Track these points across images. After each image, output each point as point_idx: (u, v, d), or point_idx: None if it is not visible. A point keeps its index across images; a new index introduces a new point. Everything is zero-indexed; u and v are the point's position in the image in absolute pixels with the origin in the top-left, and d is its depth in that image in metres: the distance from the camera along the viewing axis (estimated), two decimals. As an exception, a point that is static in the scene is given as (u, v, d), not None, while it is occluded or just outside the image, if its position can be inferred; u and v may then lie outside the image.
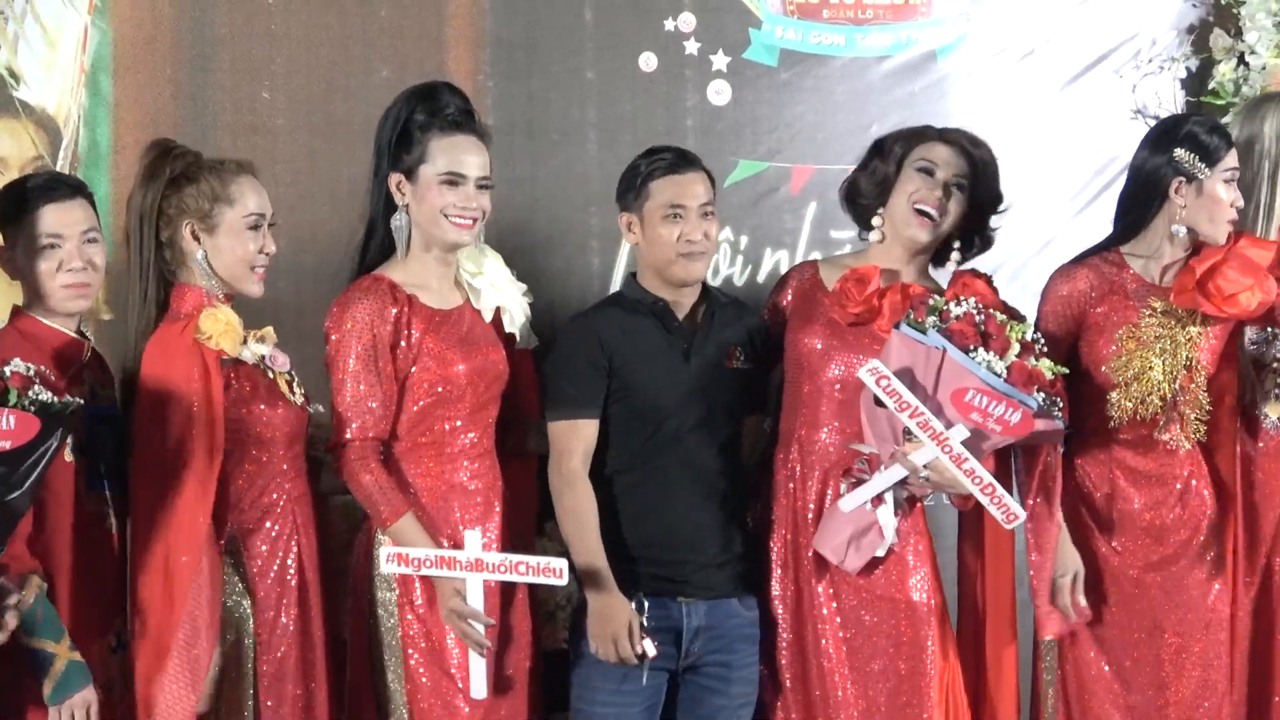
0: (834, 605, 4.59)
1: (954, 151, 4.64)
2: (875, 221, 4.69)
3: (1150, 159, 4.68)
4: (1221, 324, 4.64)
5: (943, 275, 4.74)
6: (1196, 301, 4.57)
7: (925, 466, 4.37)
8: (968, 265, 4.70)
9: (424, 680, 4.31)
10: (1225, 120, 5.28)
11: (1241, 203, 4.62)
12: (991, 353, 4.29)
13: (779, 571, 4.65)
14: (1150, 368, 4.61)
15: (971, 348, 4.29)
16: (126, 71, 5.19)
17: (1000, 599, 4.77)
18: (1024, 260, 5.65)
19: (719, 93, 5.57)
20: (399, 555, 4.18)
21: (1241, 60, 5.76)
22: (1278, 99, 4.90)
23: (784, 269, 5.45)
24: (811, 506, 4.61)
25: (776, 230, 5.58)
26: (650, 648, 4.46)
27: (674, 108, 5.52)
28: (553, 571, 4.24)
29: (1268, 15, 5.71)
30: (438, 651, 4.32)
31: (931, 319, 4.33)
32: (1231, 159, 4.63)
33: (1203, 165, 4.60)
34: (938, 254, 4.73)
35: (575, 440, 4.54)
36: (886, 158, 4.66)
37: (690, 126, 5.52)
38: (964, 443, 4.29)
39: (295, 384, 4.34)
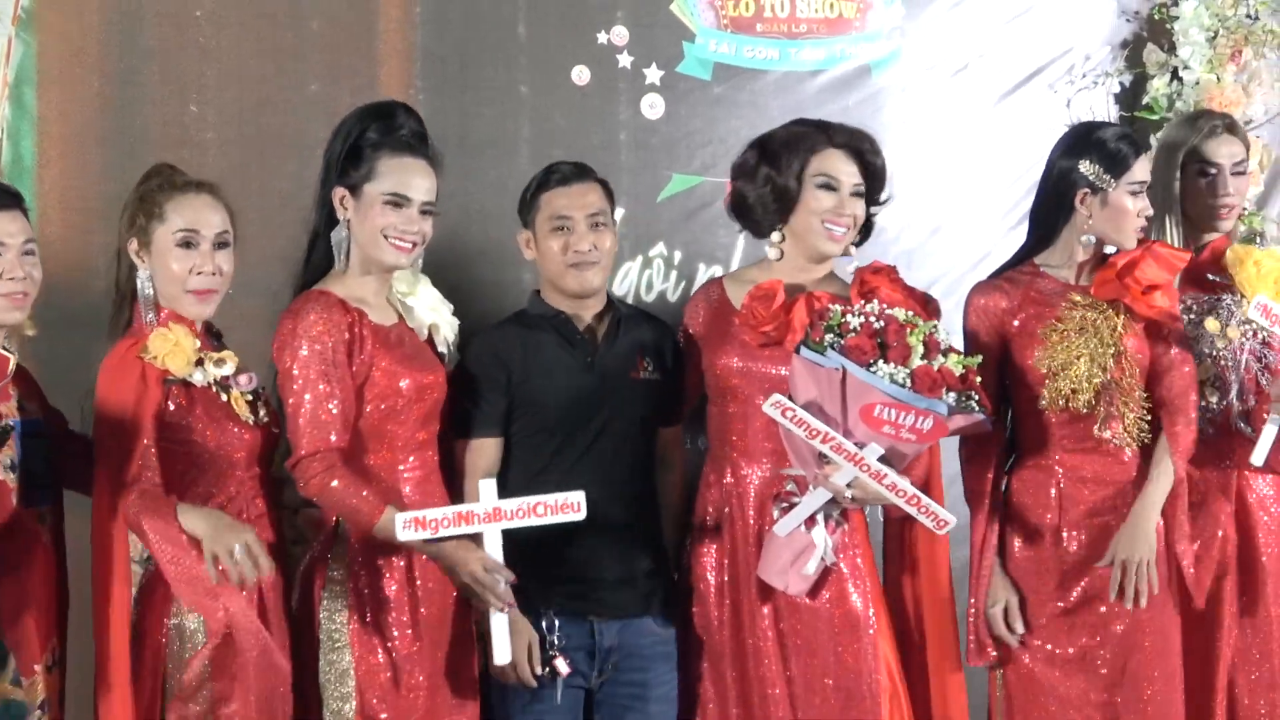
0: (776, 626, 4.55)
1: (849, 159, 4.60)
2: (774, 237, 4.65)
3: (1057, 168, 4.67)
4: (1143, 319, 4.61)
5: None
6: (1118, 291, 4.55)
7: (848, 485, 4.34)
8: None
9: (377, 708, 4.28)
10: (1160, 136, 5.41)
11: (1150, 211, 4.62)
12: (891, 363, 4.26)
13: (714, 594, 4.61)
14: (1078, 356, 4.58)
15: (870, 362, 4.25)
16: (52, 84, 5.16)
17: (938, 616, 4.73)
18: (959, 276, 5.64)
19: (653, 106, 5.56)
20: (416, 520, 4.11)
21: (1175, 75, 5.80)
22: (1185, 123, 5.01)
23: None
24: (752, 525, 4.57)
25: (710, 245, 5.57)
26: (562, 666, 4.44)
27: (607, 121, 5.51)
28: (571, 507, 4.19)
29: (1200, 30, 5.74)
30: (388, 684, 4.30)
31: (830, 336, 4.29)
32: (1140, 169, 4.60)
33: (1108, 177, 4.58)
34: None
35: (477, 459, 4.51)
36: (781, 170, 4.59)
37: (624, 140, 5.51)
38: (881, 458, 4.26)
39: (260, 404, 4.30)
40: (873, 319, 4.32)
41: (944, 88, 5.79)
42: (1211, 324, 4.76)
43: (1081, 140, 4.66)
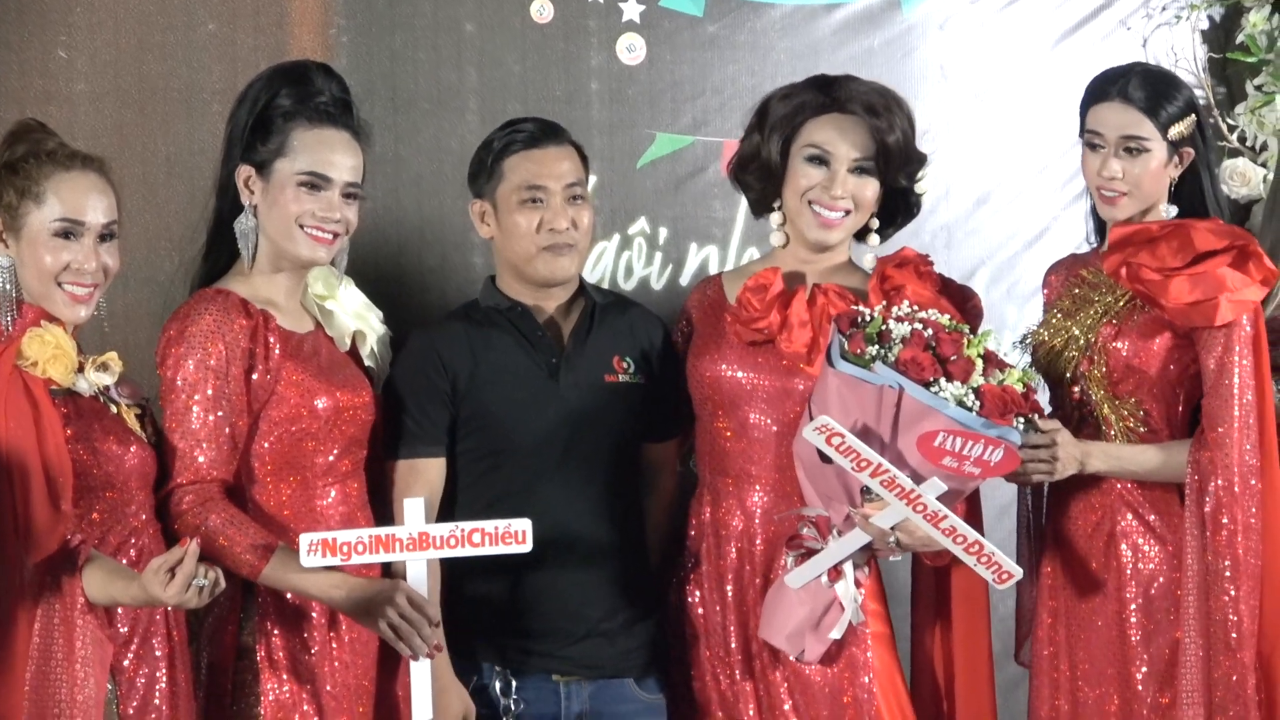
0: (774, 694, 4.32)
1: (851, 126, 4.37)
2: (774, 218, 4.47)
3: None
4: (1162, 310, 4.29)
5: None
6: (1117, 272, 4.32)
7: (893, 529, 4.12)
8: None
9: None
10: (1258, 82, 5.34)
11: (1110, 173, 4.31)
12: (956, 382, 4.04)
13: (697, 656, 4.42)
14: (1052, 339, 4.39)
15: (931, 380, 4.04)
16: (-121, 22, 4.96)
17: (975, 677, 4.51)
18: (1009, 257, 5.42)
19: (631, 49, 5.23)
20: (324, 543, 3.92)
21: (1276, 8, 5.49)
22: None
23: (714, 269, 5.20)
24: (730, 574, 4.37)
25: (703, 221, 5.29)
26: None
27: (574, 68, 5.20)
28: (515, 536, 3.98)
29: (1312, -51, 5.53)
30: None
31: (873, 348, 4.08)
32: (1102, 116, 4.33)
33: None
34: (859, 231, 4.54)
35: (414, 484, 4.28)
36: (768, 137, 4.41)
37: (595, 92, 5.20)
38: (939, 496, 4.05)
39: (146, 419, 4.12)
40: (918, 325, 4.11)
41: (991, 24, 5.48)
42: None
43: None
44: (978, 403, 4.03)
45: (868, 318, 4.13)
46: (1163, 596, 4.32)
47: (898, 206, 4.46)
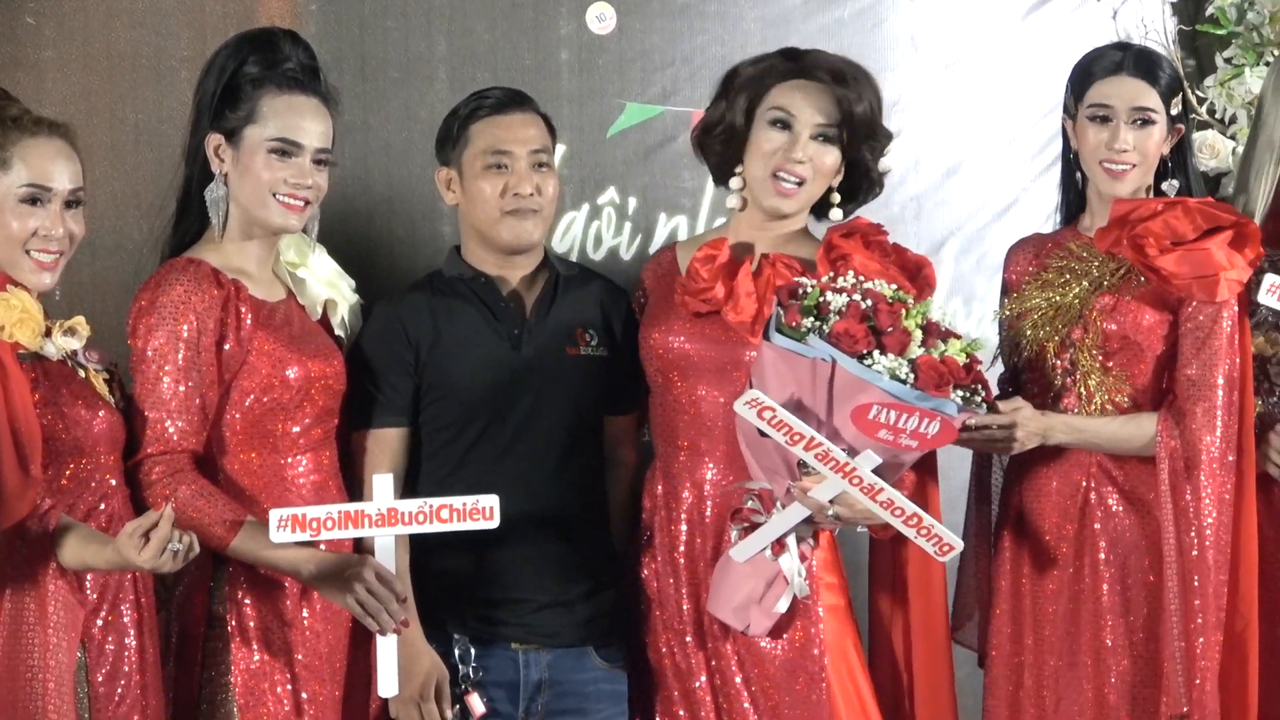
0: (724, 666, 4.34)
1: (816, 92, 4.36)
2: (734, 184, 4.44)
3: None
4: (1157, 283, 4.32)
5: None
6: (1117, 242, 4.32)
7: (831, 502, 4.11)
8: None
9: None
10: (1227, 54, 5.36)
11: (1123, 145, 4.34)
12: (890, 354, 4.03)
13: (651, 624, 4.42)
14: (1038, 306, 4.40)
15: (864, 353, 4.03)
16: None
17: (930, 655, 4.52)
18: (979, 228, 5.42)
19: (601, 18, 5.25)
20: (294, 518, 3.93)
21: None
22: None
23: (683, 238, 5.14)
24: (682, 547, 4.36)
25: (672, 191, 5.29)
26: (477, 704, 4.25)
27: (544, 37, 5.21)
28: (483, 513, 3.98)
29: (1280, -83, 5.52)
30: (277, 714, 4.11)
31: (809, 320, 4.06)
32: (1105, 90, 4.36)
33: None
34: (818, 205, 4.49)
35: (379, 454, 4.32)
36: (733, 100, 4.40)
37: (565, 61, 5.21)
38: (875, 469, 4.06)
39: (114, 385, 4.10)
40: (857, 297, 4.09)
41: None
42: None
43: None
44: (912, 375, 4.03)
45: (807, 289, 4.13)
46: (1138, 567, 4.33)
47: (860, 182, 4.45)
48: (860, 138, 4.37)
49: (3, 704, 3.80)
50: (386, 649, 4.01)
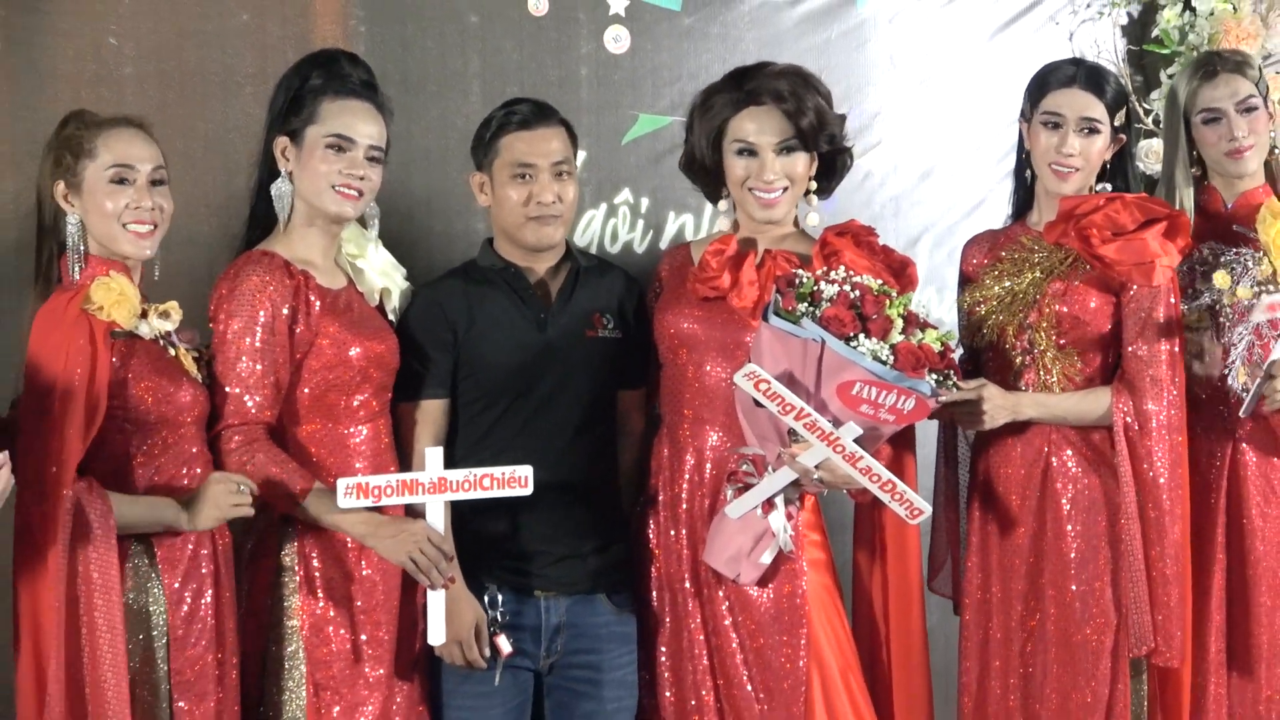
0: (719, 619, 4.51)
1: (766, 115, 4.51)
2: (722, 205, 4.65)
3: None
4: (1102, 271, 4.47)
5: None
6: (1065, 234, 4.47)
7: (817, 467, 4.27)
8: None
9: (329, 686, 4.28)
10: (1170, 71, 5.53)
11: (1070, 150, 4.51)
12: (874, 339, 4.18)
13: (655, 573, 4.59)
14: (996, 293, 4.56)
15: (851, 336, 4.18)
16: (-54, 12, 4.93)
17: (904, 607, 4.66)
18: (951, 224, 5.63)
19: (617, 39, 5.43)
20: (359, 486, 4.10)
21: (1187, 5, 5.67)
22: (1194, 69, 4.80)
23: (689, 234, 5.41)
24: (683, 504, 4.53)
25: (680, 192, 5.36)
26: (504, 645, 4.41)
27: (566, 56, 5.37)
28: (518, 481, 4.19)
29: (1215, -47, 5.64)
30: (340, 677, 4.29)
31: (803, 306, 4.22)
32: (1058, 100, 4.52)
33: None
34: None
35: (422, 423, 4.49)
36: (698, 141, 4.56)
37: (584, 77, 5.39)
38: (857, 439, 4.20)
39: (202, 364, 4.27)
40: (847, 288, 4.24)
41: (935, 19, 5.70)
42: (1221, 278, 4.60)
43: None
44: (892, 357, 4.15)
45: (802, 279, 4.26)
46: (1096, 521, 4.48)
47: (830, 166, 4.57)
48: (816, 139, 4.50)
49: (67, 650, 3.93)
50: (436, 601, 4.21)
